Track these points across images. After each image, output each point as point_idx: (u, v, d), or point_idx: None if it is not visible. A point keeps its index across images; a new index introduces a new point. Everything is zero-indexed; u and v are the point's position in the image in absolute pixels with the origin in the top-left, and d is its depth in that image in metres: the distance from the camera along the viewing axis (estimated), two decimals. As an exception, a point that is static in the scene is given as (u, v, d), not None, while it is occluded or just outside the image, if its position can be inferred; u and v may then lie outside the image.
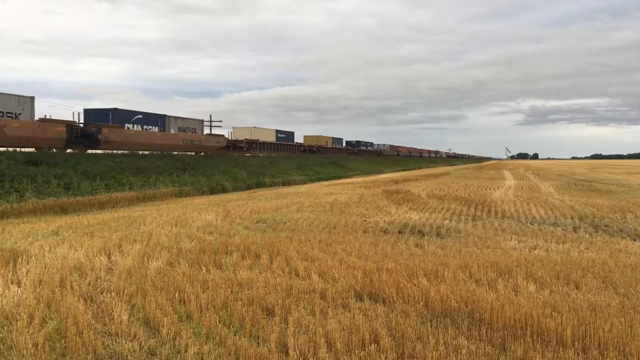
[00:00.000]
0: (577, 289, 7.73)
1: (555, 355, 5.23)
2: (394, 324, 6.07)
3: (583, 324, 5.90)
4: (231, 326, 6.13)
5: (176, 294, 7.22)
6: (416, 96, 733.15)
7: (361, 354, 5.27)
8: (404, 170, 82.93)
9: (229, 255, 9.92)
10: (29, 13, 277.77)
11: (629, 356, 5.27)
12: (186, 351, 5.40)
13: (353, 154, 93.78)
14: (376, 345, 5.44)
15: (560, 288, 7.71)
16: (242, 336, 5.81)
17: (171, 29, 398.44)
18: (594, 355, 5.24)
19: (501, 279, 8.11)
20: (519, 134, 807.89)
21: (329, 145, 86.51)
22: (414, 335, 5.75)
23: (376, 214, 17.58)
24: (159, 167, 35.88)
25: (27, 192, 23.04)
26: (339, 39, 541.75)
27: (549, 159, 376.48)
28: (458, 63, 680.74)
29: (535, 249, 11.26)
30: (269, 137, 65.36)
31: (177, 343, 5.64)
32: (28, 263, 9.14)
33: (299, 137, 79.08)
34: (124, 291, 7.37)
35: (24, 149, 31.18)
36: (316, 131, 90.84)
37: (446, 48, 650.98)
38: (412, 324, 6.09)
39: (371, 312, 6.57)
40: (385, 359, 5.21)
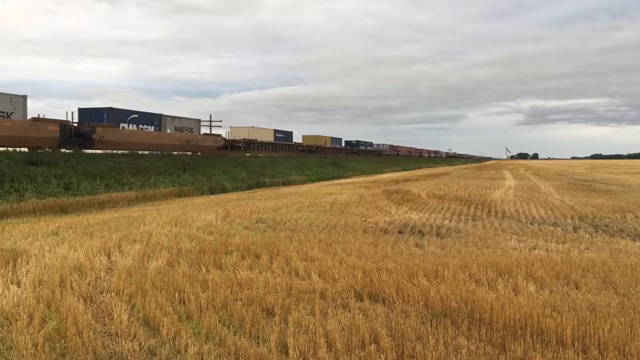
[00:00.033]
0: (577, 289, 7.73)
1: (555, 355, 5.23)
2: (394, 324, 6.06)
3: (583, 324, 5.90)
4: (231, 326, 6.13)
5: (176, 294, 7.22)
6: (416, 96, 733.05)
7: (361, 354, 5.27)
8: (404, 170, 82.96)
9: (228, 255, 9.92)
10: (29, 13, 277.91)
11: (629, 356, 5.27)
12: (186, 351, 5.39)
13: (352, 154, 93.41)
14: (376, 345, 5.44)
15: (560, 288, 7.71)
16: (242, 336, 5.81)
17: (171, 29, 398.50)
18: (594, 355, 5.24)
19: (501, 279, 8.11)
20: (519, 134, 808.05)
21: (328, 145, 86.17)
22: (414, 335, 5.75)
23: (376, 214, 17.58)
24: (158, 167, 35.89)
25: (27, 192, 23.04)
26: (339, 39, 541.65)
27: (549, 159, 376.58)
28: (458, 63, 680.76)
29: (535, 249, 11.26)
30: (267, 137, 64.87)
31: (177, 343, 5.64)
32: (28, 263, 9.14)
33: (297, 137, 78.89)
34: (123, 291, 7.37)
35: (23, 149, 31.09)
36: (316, 131, 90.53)
37: (446, 48, 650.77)
38: (412, 324, 6.09)
39: (371, 312, 6.57)
40: (385, 359, 5.21)
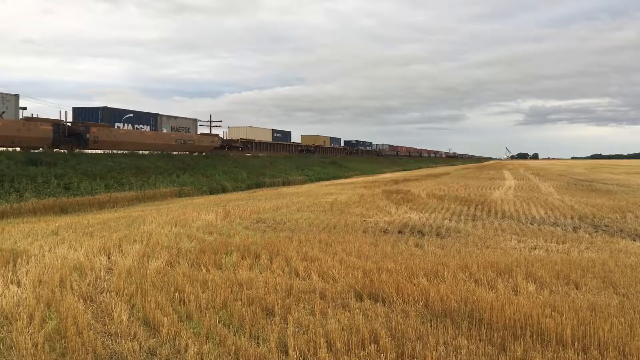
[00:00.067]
0: (577, 289, 7.73)
1: (555, 355, 5.23)
2: (393, 324, 6.06)
3: (583, 324, 5.90)
4: (231, 326, 6.12)
5: (176, 294, 7.22)
6: (416, 96, 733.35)
7: (361, 354, 5.26)
8: (404, 170, 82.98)
9: (228, 255, 9.92)
10: (29, 13, 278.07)
11: (629, 356, 5.27)
12: (186, 351, 5.39)
13: (351, 154, 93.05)
14: (376, 345, 5.44)
15: (560, 288, 7.71)
16: (242, 336, 5.81)
17: (171, 29, 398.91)
18: (594, 355, 5.24)
19: (501, 279, 8.11)
20: (519, 134, 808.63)
21: (327, 145, 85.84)
22: (413, 335, 5.75)
23: (376, 214, 17.58)
24: (158, 167, 35.90)
25: (27, 192, 23.06)
26: (339, 39, 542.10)
27: (549, 159, 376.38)
28: (458, 63, 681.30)
29: (535, 249, 11.26)
30: (265, 137, 64.31)
31: (177, 343, 5.64)
32: (28, 263, 9.14)
33: (296, 136, 78.58)
34: (123, 291, 7.37)
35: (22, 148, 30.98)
36: (316, 131, 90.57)
37: (446, 48, 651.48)
38: (412, 324, 6.09)
39: (371, 312, 6.57)
40: (385, 359, 5.21)
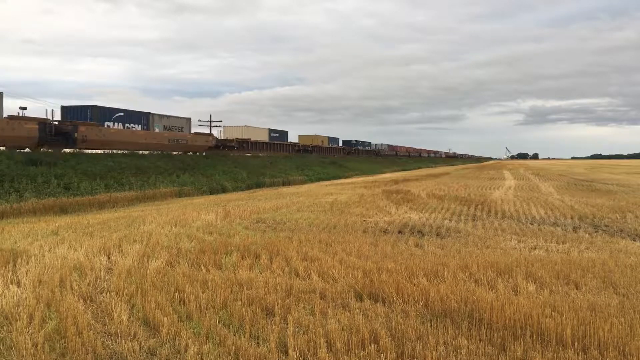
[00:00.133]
0: (577, 289, 7.73)
1: (555, 355, 5.23)
2: (393, 324, 6.06)
3: (583, 324, 5.90)
4: (231, 326, 6.12)
5: (176, 294, 7.22)
6: (416, 96, 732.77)
7: (361, 354, 5.26)
8: (404, 170, 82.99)
9: (228, 255, 9.92)
10: (29, 13, 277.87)
11: (628, 356, 5.27)
12: (186, 351, 5.39)
13: (350, 154, 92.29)
14: (376, 345, 5.44)
15: (560, 288, 7.71)
16: (242, 336, 5.81)
17: (171, 29, 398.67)
18: (594, 355, 5.24)
19: (501, 279, 8.11)
20: (519, 134, 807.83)
21: (325, 144, 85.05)
22: (413, 335, 5.75)
23: (376, 214, 17.58)
24: (158, 167, 35.91)
25: (27, 192, 23.06)
26: (339, 39, 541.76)
27: (549, 159, 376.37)
28: (458, 63, 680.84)
29: (535, 249, 11.26)
30: (261, 137, 63.30)
31: (176, 343, 5.64)
32: (28, 263, 9.14)
33: (293, 136, 77.96)
34: (123, 291, 7.37)
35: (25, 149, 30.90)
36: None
37: (446, 48, 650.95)
38: (412, 324, 6.09)
39: (371, 312, 6.57)
40: (385, 359, 5.20)
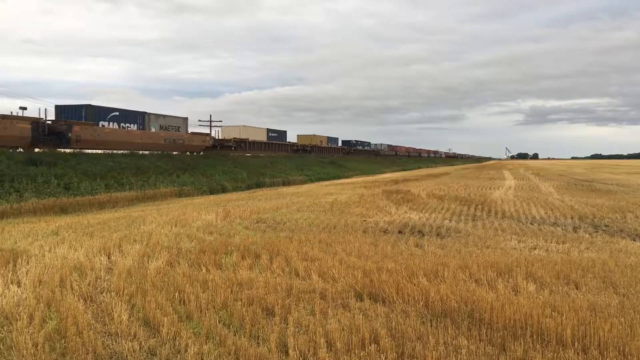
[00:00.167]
0: (577, 289, 7.73)
1: (555, 355, 5.23)
2: (394, 324, 6.06)
3: (583, 324, 5.90)
4: (231, 326, 6.12)
5: (176, 294, 7.22)
6: (416, 96, 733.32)
7: (361, 354, 5.26)
8: (404, 170, 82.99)
9: (228, 255, 9.92)
10: (29, 13, 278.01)
11: (629, 356, 5.27)
12: (186, 351, 5.39)
13: (349, 154, 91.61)
14: (376, 345, 5.44)
15: (560, 288, 7.71)
16: (242, 336, 5.81)
17: (171, 29, 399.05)
18: (594, 355, 5.24)
19: (501, 279, 8.11)
20: (519, 134, 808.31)
21: (324, 144, 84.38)
22: (414, 335, 5.75)
23: (376, 214, 17.58)
24: (158, 167, 35.92)
25: (27, 192, 23.06)
26: (339, 39, 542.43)
27: (549, 159, 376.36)
28: (458, 63, 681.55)
29: (535, 249, 11.26)
30: (259, 136, 62.74)
31: (177, 343, 5.64)
32: (28, 263, 9.14)
33: (292, 136, 77.29)
34: (123, 291, 7.37)
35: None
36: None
37: (446, 48, 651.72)
38: (412, 324, 6.09)
39: (371, 312, 6.57)
40: (385, 359, 5.21)
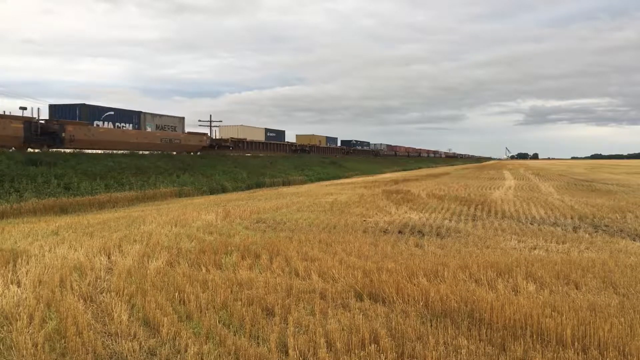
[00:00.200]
0: (577, 289, 7.73)
1: (555, 355, 5.23)
2: (394, 324, 6.06)
3: (583, 324, 5.90)
4: (231, 326, 6.12)
5: (176, 294, 7.22)
6: (416, 96, 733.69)
7: (361, 354, 5.26)
8: (404, 170, 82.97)
9: (228, 255, 9.92)
10: (29, 13, 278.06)
11: (629, 356, 5.27)
12: (186, 351, 5.39)
13: (348, 154, 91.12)
14: (376, 345, 5.44)
15: (560, 288, 7.71)
16: (242, 336, 5.81)
17: (171, 29, 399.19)
18: (594, 355, 5.24)
19: (501, 279, 8.11)
20: (519, 134, 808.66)
21: (323, 144, 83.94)
22: (414, 335, 5.75)
23: (376, 214, 17.58)
24: (159, 167, 35.92)
25: (27, 192, 23.06)
26: (339, 39, 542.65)
27: (549, 159, 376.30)
28: (458, 63, 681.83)
29: (535, 249, 11.26)
30: (257, 136, 62.43)
31: (177, 343, 5.64)
32: (28, 263, 9.14)
33: (291, 136, 77.00)
34: (123, 291, 7.37)
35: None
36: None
37: (446, 48, 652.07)
38: (412, 324, 6.09)
39: (371, 312, 6.57)
40: (385, 359, 5.21)
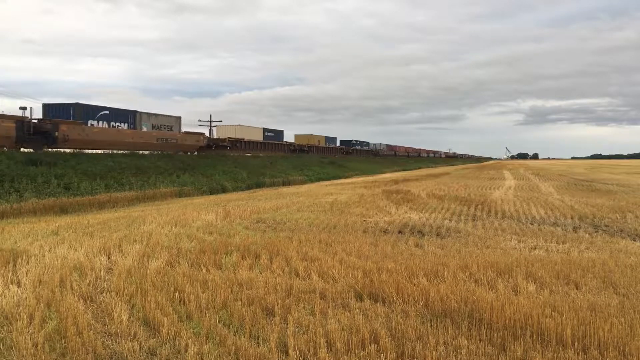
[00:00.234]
0: (577, 289, 7.73)
1: (555, 355, 5.23)
2: (394, 324, 6.06)
3: (583, 324, 5.90)
4: (231, 326, 6.12)
5: (176, 294, 7.22)
6: (416, 96, 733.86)
7: (361, 354, 5.26)
8: (404, 170, 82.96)
9: (228, 255, 9.92)
10: (29, 13, 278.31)
11: (629, 356, 5.27)
12: (186, 351, 5.39)
13: (348, 154, 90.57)
14: (376, 345, 5.44)
15: (560, 288, 7.71)
16: (242, 336, 5.81)
17: (171, 29, 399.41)
18: (594, 355, 5.24)
19: (501, 279, 8.11)
20: (519, 134, 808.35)
21: (322, 144, 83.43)
22: (414, 335, 5.75)
23: (376, 214, 17.58)
24: (159, 167, 35.91)
25: (27, 192, 23.06)
26: (339, 39, 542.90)
27: (549, 159, 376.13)
28: (458, 63, 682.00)
29: (535, 249, 11.26)
30: (255, 136, 62.02)
31: (177, 343, 5.64)
32: (28, 263, 9.14)
33: (290, 136, 76.57)
34: (123, 291, 7.37)
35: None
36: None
37: (446, 48, 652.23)
38: (412, 324, 6.09)
39: (371, 312, 6.57)
40: (385, 359, 5.20)
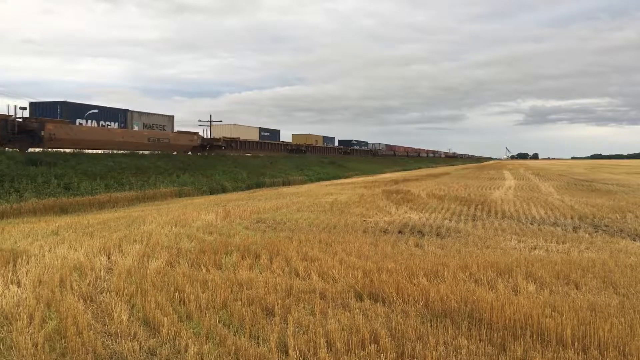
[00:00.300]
0: (577, 289, 7.73)
1: (555, 355, 5.23)
2: (394, 324, 6.06)
3: (583, 324, 5.90)
4: (231, 326, 6.12)
5: (176, 294, 7.22)
6: (416, 96, 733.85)
7: (361, 354, 5.26)
8: (404, 170, 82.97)
9: (228, 255, 9.92)
10: (29, 13, 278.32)
11: (629, 356, 5.27)
12: (186, 351, 5.39)
13: (346, 154, 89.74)
14: (376, 345, 5.44)
15: (560, 288, 7.71)
16: (242, 336, 5.81)
17: (171, 29, 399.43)
18: (594, 355, 5.24)
19: (501, 279, 8.11)
20: (519, 134, 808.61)
21: (319, 144, 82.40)
22: (414, 335, 5.75)
23: (376, 214, 17.58)
24: (158, 167, 35.92)
25: (27, 192, 23.05)
26: (339, 39, 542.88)
27: (549, 159, 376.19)
28: (458, 63, 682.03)
29: (535, 249, 11.26)
30: (251, 136, 61.07)
31: (177, 343, 5.64)
32: (28, 263, 9.14)
33: (287, 136, 75.94)
34: (123, 291, 7.37)
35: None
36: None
37: (446, 48, 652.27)
38: (412, 324, 6.09)
39: (371, 312, 6.57)
40: (385, 359, 5.21)
